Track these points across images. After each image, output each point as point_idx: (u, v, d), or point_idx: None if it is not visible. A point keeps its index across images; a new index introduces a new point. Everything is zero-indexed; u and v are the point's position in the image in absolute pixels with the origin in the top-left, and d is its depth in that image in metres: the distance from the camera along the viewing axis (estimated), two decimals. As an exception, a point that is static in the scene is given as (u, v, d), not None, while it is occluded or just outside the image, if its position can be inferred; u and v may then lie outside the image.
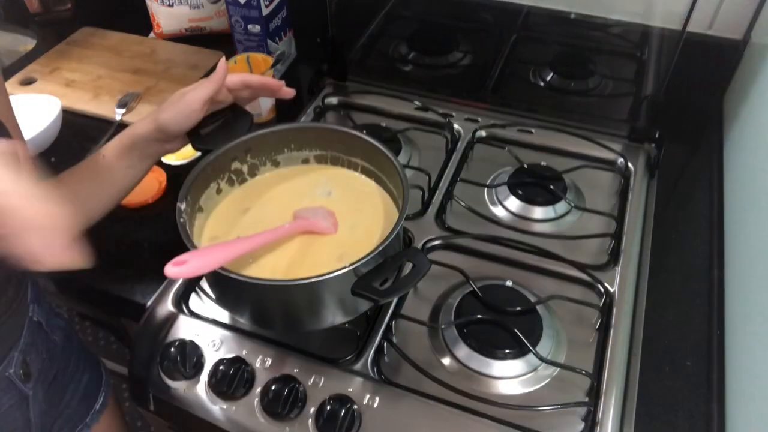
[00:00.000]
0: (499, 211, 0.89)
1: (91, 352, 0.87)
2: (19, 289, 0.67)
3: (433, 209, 0.87)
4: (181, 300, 0.77)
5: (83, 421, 0.82)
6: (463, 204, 0.87)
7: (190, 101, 0.66)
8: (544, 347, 0.70)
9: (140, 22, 1.28)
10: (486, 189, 0.91)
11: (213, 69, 0.69)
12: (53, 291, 0.85)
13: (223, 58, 0.69)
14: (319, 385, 0.67)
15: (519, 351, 0.69)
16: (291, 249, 0.68)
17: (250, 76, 0.71)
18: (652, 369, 0.70)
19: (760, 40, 0.95)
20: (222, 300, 0.70)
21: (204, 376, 0.70)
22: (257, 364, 0.69)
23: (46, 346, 0.73)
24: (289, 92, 0.73)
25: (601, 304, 0.75)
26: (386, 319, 0.73)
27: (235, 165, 0.75)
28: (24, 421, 0.70)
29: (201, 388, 0.70)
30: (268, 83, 0.72)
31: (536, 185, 0.89)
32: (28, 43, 1.29)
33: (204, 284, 0.78)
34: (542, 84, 1.11)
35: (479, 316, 0.72)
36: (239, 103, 0.73)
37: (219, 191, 0.74)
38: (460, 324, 0.72)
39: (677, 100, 0.94)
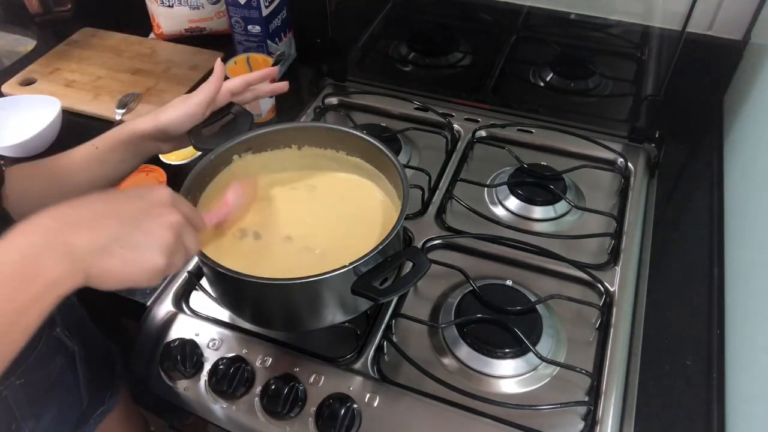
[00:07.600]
0: (499, 211, 0.89)
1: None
2: None
3: (433, 209, 0.87)
4: (182, 299, 0.78)
5: (103, 404, 0.82)
6: (463, 204, 0.87)
7: (193, 104, 0.68)
8: (544, 346, 0.70)
9: (140, 23, 1.28)
10: (486, 189, 0.91)
11: (213, 71, 0.70)
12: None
13: (219, 59, 0.71)
14: (319, 384, 0.67)
15: (519, 350, 0.69)
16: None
17: (250, 74, 0.72)
18: (652, 368, 0.70)
19: (760, 40, 0.95)
20: (222, 299, 0.70)
21: (204, 375, 0.70)
22: (257, 363, 0.69)
23: (73, 309, 0.77)
24: (281, 86, 0.76)
25: (601, 304, 0.75)
26: (386, 318, 0.73)
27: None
28: (75, 384, 0.73)
29: (201, 387, 0.70)
30: (265, 74, 0.73)
31: (536, 185, 0.89)
32: (28, 44, 1.29)
33: (204, 283, 0.78)
34: (542, 84, 1.11)
35: (479, 315, 0.72)
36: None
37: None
38: (460, 323, 0.72)
39: (677, 100, 0.94)
